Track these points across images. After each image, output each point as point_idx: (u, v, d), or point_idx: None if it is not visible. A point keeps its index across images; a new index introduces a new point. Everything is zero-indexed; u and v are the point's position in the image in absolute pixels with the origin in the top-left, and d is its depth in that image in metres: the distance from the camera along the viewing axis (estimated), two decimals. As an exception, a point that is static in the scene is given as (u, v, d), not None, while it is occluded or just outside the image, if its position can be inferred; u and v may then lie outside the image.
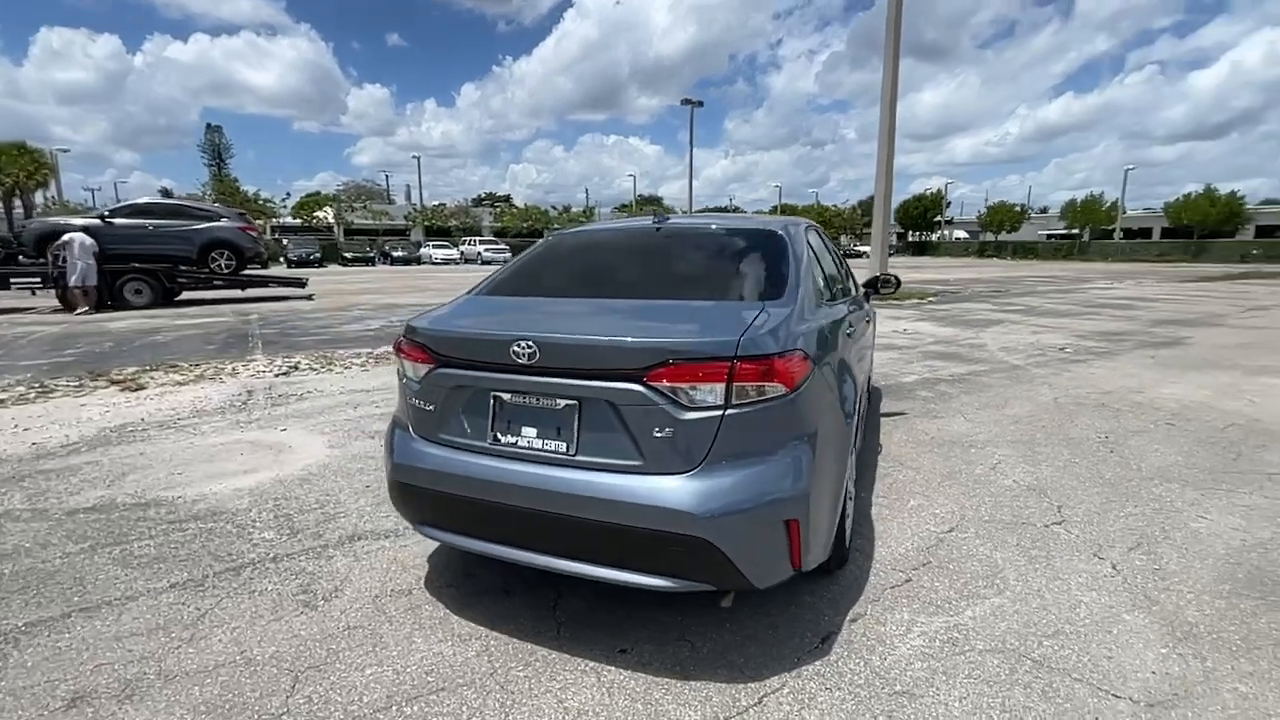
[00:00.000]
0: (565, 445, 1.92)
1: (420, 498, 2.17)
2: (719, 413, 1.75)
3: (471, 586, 2.40)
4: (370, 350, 7.73)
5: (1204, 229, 48.90)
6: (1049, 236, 64.31)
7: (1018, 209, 65.59)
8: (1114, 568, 2.54)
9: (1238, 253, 42.50)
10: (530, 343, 1.90)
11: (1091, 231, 57.82)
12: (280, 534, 2.85)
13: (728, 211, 64.87)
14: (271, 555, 2.65)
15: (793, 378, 1.80)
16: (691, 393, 1.77)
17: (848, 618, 2.19)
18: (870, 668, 1.94)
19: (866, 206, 74.99)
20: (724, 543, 1.73)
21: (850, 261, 5.29)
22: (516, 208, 63.70)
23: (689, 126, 35.21)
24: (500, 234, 50.81)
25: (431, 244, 41.50)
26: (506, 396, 2.01)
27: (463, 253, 39.26)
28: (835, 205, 74.69)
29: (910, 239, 73.40)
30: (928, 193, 71.64)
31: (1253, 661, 1.98)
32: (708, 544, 1.73)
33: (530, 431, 1.98)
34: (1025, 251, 56.11)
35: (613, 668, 1.94)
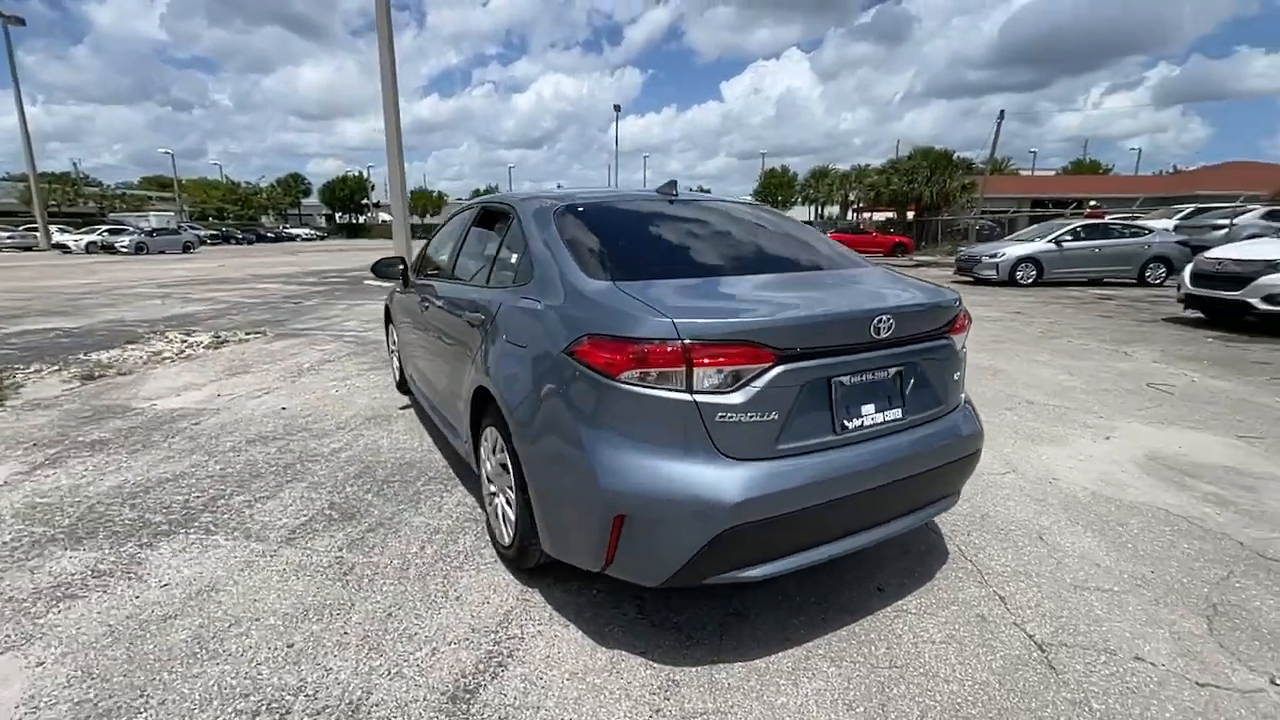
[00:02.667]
0: (899, 411, 2.02)
1: (759, 533, 1.76)
2: (964, 351, 2.36)
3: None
4: None
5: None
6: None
7: (435, 194, 73.16)
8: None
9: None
10: (888, 316, 1.94)
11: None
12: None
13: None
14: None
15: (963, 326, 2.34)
16: (963, 338, 2.29)
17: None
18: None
19: (290, 185, 68.65)
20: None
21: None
22: None
23: None
24: None
25: None
26: (846, 379, 1.90)
27: None
28: (251, 182, 65.49)
29: (340, 221, 71.95)
30: (349, 175, 71.32)
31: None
32: (979, 452, 2.28)
33: (869, 409, 1.96)
34: (450, 233, 63.78)
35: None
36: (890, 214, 37.17)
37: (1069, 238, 13.89)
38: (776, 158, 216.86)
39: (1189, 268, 8.53)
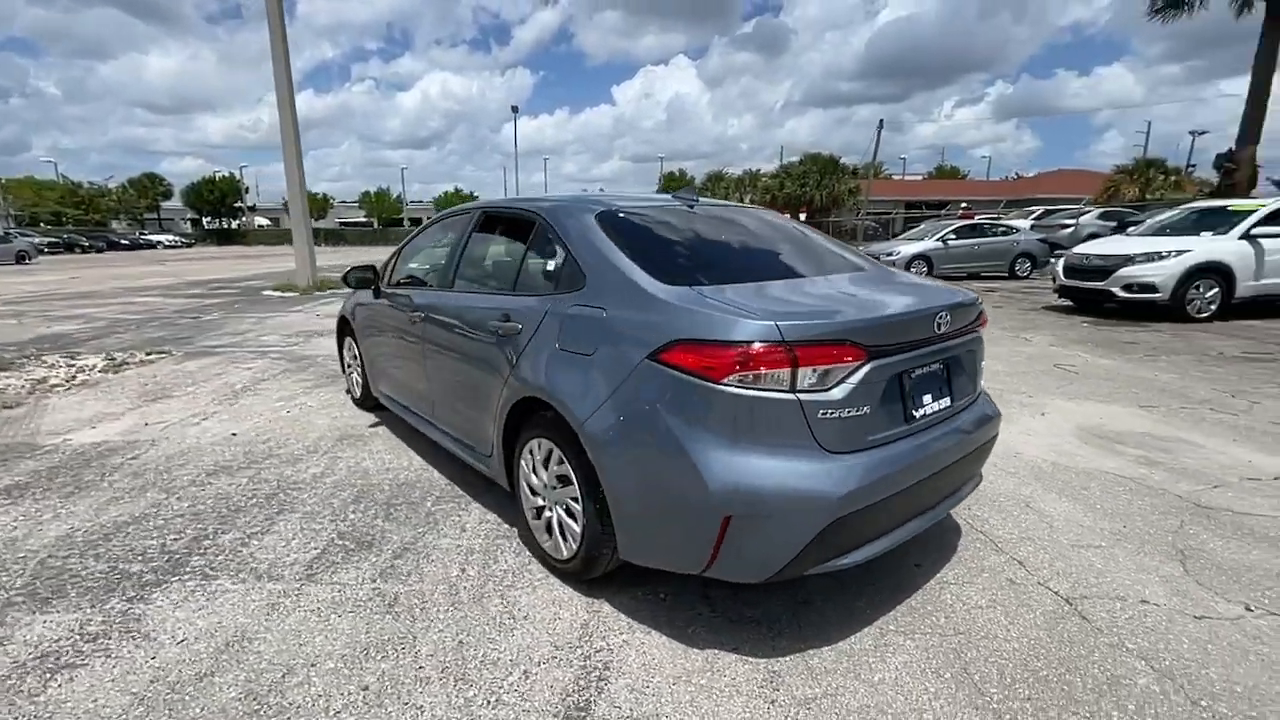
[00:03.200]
0: (948, 399, 2.20)
1: (858, 522, 1.86)
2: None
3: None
4: None
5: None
6: (345, 224, 69.90)
7: (321, 196, 68.15)
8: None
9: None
10: (946, 312, 2.14)
11: (383, 220, 66.73)
12: None
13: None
14: None
15: None
16: (983, 332, 2.52)
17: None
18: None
19: (146, 186, 61.37)
20: None
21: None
22: None
23: None
24: None
25: None
26: (915, 372, 2.06)
27: None
28: (96, 182, 57.70)
29: (208, 226, 65.16)
30: (218, 175, 64.75)
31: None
32: (998, 434, 2.52)
33: (928, 398, 2.11)
34: (336, 238, 59.56)
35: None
36: (785, 216, 39.36)
37: (952, 236, 15.42)
38: (670, 161, 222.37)
39: (1061, 262, 9.76)
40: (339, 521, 2.90)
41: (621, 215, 2.52)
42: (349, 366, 4.72)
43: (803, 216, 35.72)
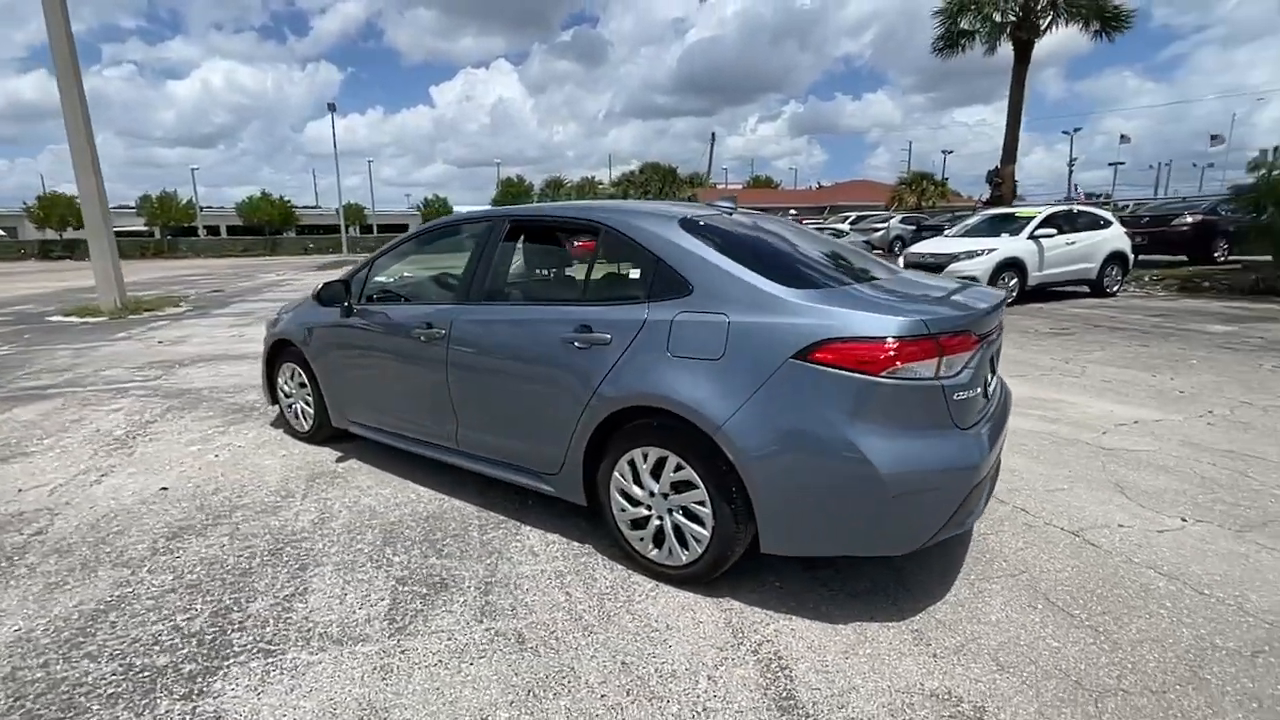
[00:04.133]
0: (995, 379, 2.54)
1: (979, 489, 2.14)
2: None
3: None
4: None
5: (272, 227, 57.34)
6: (121, 234, 58.55)
7: (68, 197, 55.99)
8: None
9: (301, 246, 52.70)
10: (1000, 304, 2.53)
11: (171, 229, 56.89)
12: None
13: None
14: None
15: None
16: None
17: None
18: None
19: None
20: None
21: None
22: None
23: None
24: None
25: None
26: (988, 356, 2.36)
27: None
28: None
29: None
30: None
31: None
32: None
33: (990, 378, 2.45)
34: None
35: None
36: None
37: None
38: (493, 167, 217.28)
39: (902, 259, 11.45)
40: (387, 567, 2.59)
41: (702, 223, 2.58)
42: (289, 396, 4.11)
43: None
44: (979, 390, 2.21)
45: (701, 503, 2.26)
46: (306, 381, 3.91)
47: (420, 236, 3.60)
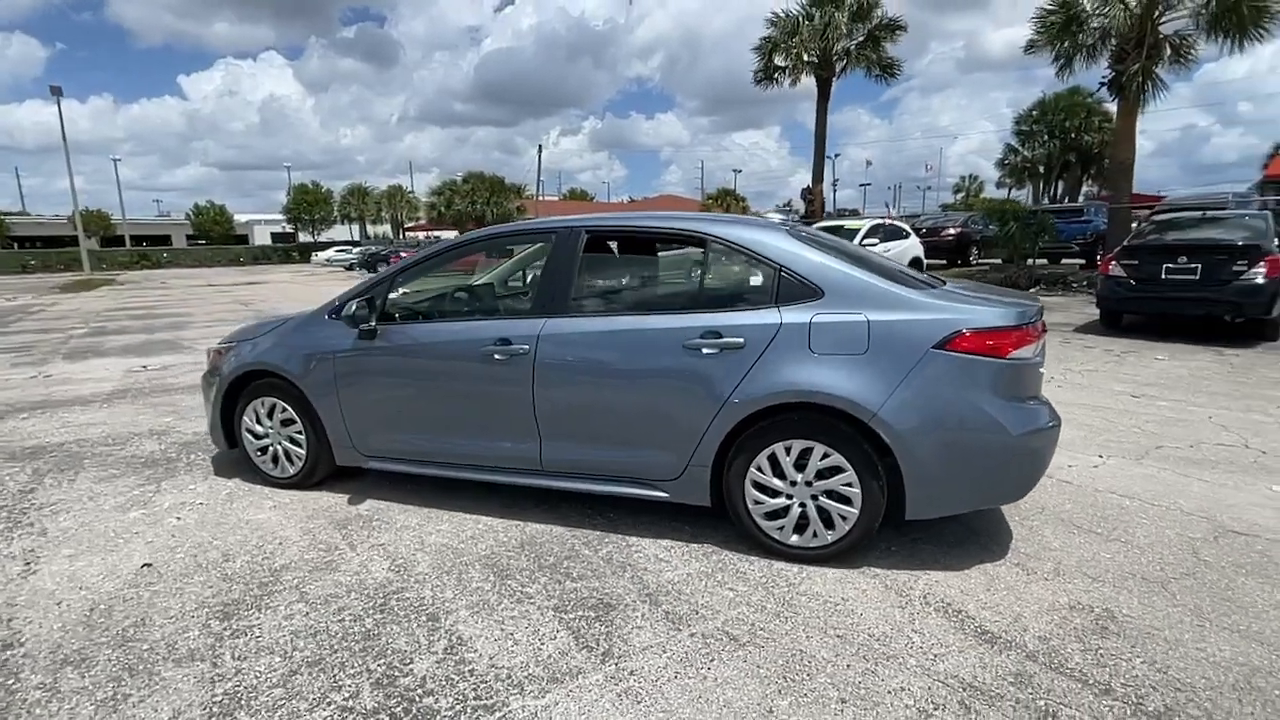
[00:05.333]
0: None
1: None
2: None
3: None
4: None
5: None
6: None
7: None
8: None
9: (18, 262, 41.71)
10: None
11: None
12: None
13: None
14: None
15: None
16: None
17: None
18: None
19: None
20: None
21: None
22: None
23: None
24: None
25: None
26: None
27: None
28: None
29: None
30: None
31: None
32: None
33: None
34: None
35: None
36: (454, 233, 39.26)
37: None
38: (269, 171, 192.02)
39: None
40: (529, 600, 2.42)
41: (804, 234, 2.86)
42: (261, 437, 3.46)
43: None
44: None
45: (849, 484, 2.52)
46: (296, 417, 3.35)
47: (441, 255, 3.33)
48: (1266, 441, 4.05)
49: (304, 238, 53.46)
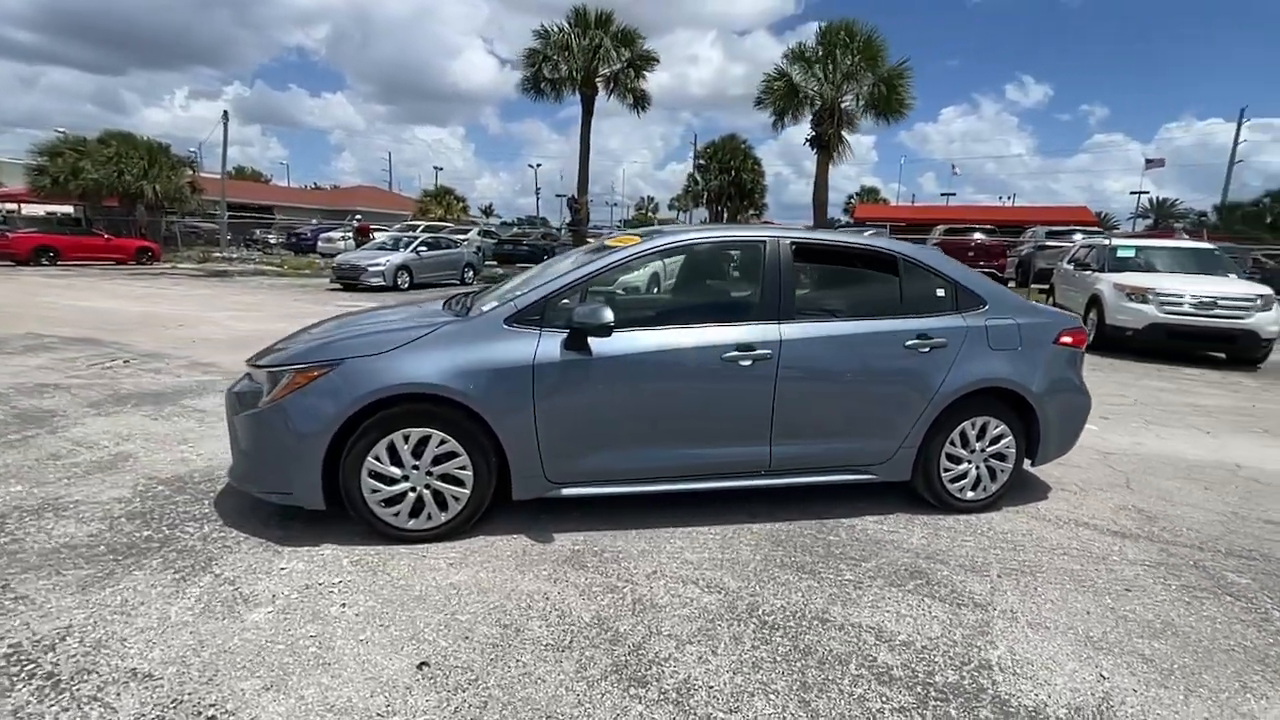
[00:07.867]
0: None
1: None
2: None
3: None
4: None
5: None
6: None
7: None
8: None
9: None
10: None
11: None
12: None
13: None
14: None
15: None
16: None
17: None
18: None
19: None
20: None
21: None
22: None
23: None
24: None
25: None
26: None
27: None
28: None
29: None
30: None
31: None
32: None
33: None
34: None
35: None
36: (69, 208, 28.85)
37: (423, 248, 16.61)
38: None
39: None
40: (901, 586, 2.58)
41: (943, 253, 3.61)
42: (393, 482, 2.62)
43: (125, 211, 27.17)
44: None
45: (1009, 445, 3.34)
46: (460, 449, 2.67)
47: (648, 257, 3.30)
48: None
49: None
